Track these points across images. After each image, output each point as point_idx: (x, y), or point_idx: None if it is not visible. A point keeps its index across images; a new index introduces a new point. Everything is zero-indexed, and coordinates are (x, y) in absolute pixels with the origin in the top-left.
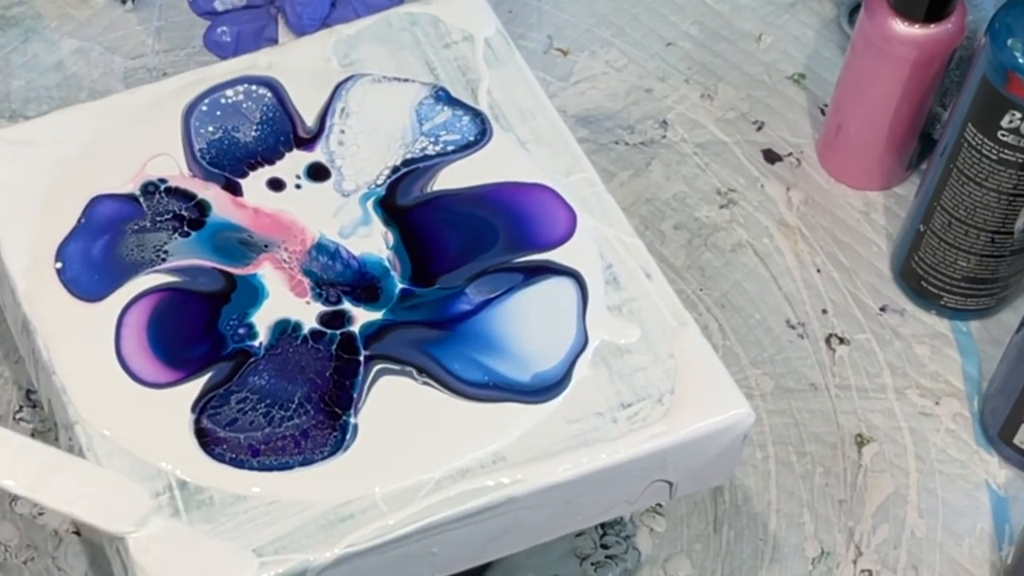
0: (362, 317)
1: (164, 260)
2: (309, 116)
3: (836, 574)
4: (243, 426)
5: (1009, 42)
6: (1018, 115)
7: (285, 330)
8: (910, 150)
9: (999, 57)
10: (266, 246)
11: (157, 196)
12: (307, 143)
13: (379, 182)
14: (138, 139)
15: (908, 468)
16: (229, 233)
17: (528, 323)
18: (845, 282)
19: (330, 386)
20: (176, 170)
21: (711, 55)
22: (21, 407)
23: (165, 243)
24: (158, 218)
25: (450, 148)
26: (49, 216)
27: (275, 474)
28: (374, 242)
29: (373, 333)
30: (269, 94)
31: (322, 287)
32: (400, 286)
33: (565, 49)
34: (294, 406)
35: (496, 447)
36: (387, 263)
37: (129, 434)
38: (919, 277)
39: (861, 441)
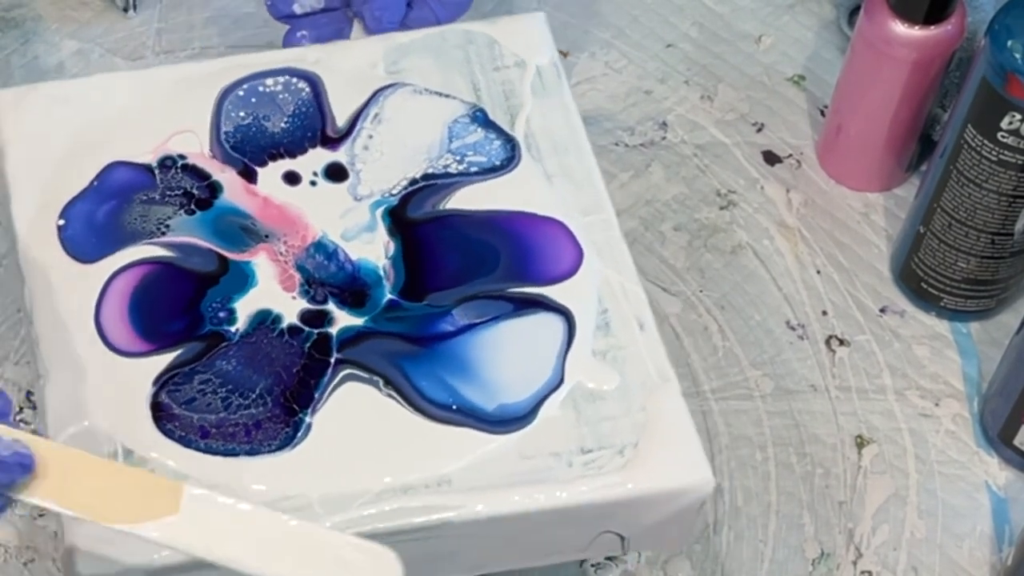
0: (343, 320)
1: (164, 234)
2: (342, 116)
3: (836, 575)
4: (199, 407)
5: (1009, 44)
6: (1018, 116)
7: (264, 320)
8: (910, 152)
9: (999, 58)
10: (266, 236)
11: (173, 171)
12: (333, 142)
13: (394, 191)
14: (169, 113)
15: (908, 469)
16: (233, 218)
17: (506, 354)
18: (845, 283)
19: (294, 382)
20: (198, 148)
21: (711, 57)
22: (21, 408)
23: (169, 217)
24: (168, 192)
25: (473, 169)
26: (65, 173)
27: (219, 459)
28: (374, 249)
29: (350, 338)
30: (307, 89)
31: (311, 285)
32: (388, 296)
33: (565, 50)
34: (254, 396)
35: (444, 470)
36: (382, 272)
37: (89, 396)
38: (919, 278)
39: (861, 442)
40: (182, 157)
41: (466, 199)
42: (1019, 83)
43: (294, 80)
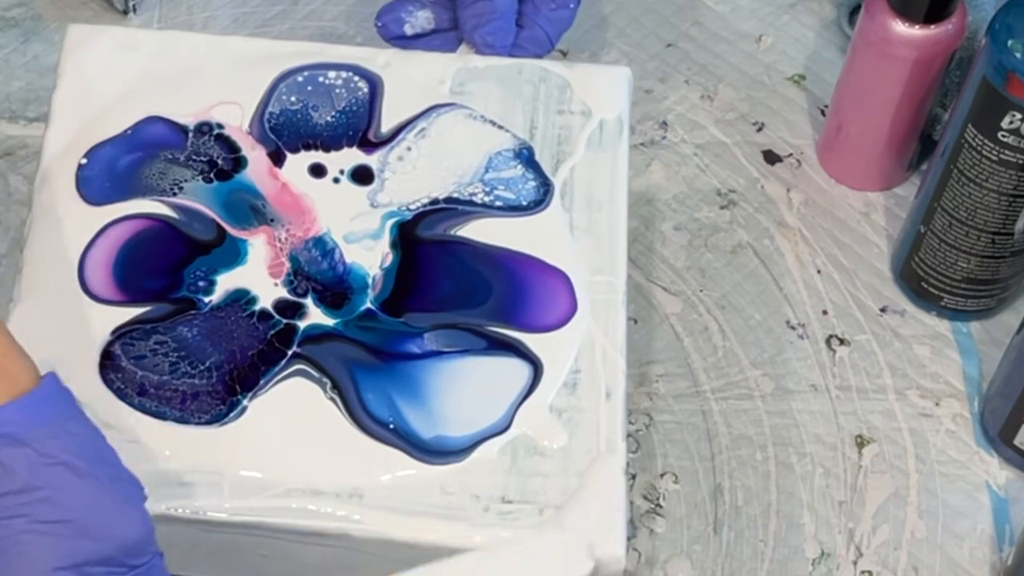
0: (315, 317)
1: (175, 195)
2: (389, 123)
3: (836, 575)
4: (146, 365)
5: (1009, 43)
6: (1018, 116)
7: (239, 299)
8: (910, 151)
9: (999, 58)
10: (272, 220)
11: (206, 138)
12: (371, 146)
13: (412, 207)
14: (224, 82)
15: (908, 469)
16: (246, 195)
17: (462, 388)
18: (845, 283)
19: (245, 364)
20: (238, 122)
21: (711, 56)
22: None
23: (186, 180)
24: (194, 156)
25: (498, 203)
26: (106, 116)
27: (148, 419)
28: (371, 257)
29: (315, 336)
30: (365, 89)
31: (297, 276)
32: (368, 305)
33: (565, 50)
34: (202, 368)
35: (359, 483)
36: (370, 280)
37: (48, 330)
38: (919, 278)
39: (861, 442)
40: (219, 126)
41: (480, 230)
42: (1019, 82)
43: (356, 78)
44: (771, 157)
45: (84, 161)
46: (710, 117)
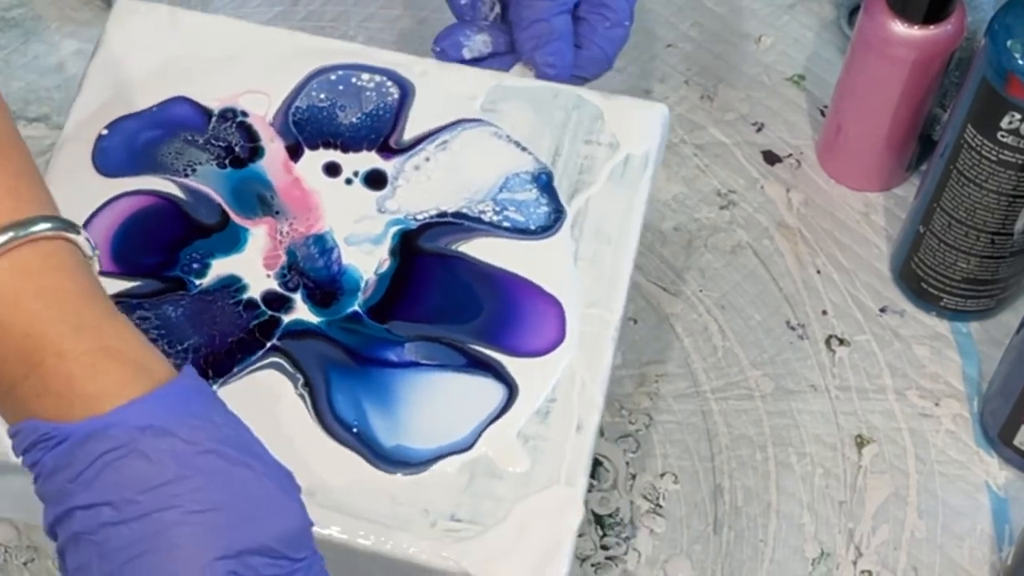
0: (300, 313)
1: (187, 176)
2: (412, 131)
3: (836, 575)
4: None
5: (1008, 43)
6: (1018, 116)
7: (229, 286)
8: (910, 151)
9: (998, 58)
10: (277, 213)
11: (228, 124)
12: (390, 152)
13: (419, 217)
14: (257, 71)
15: (908, 469)
16: (257, 185)
17: (432, 402)
18: (845, 283)
19: (222, 351)
20: (262, 112)
21: (711, 56)
22: None
23: (200, 163)
24: (213, 141)
25: (506, 224)
26: (136, 90)
27: None
28: (368, 261)
29: (296, 331)
30: (396, 95)
31: (291, 271)
32: (355, 308)
33: None
34: (179, 348)
35: (314, 482)
36: (363, 283)
37: None
38: (919, 278)
39: (861, 442)
40: (243, 114)
41: (482, 248)
42: (1019, 83)
43: (389, 83)
44: (771, 157)
45: (105, 132)
46: (710, 118)
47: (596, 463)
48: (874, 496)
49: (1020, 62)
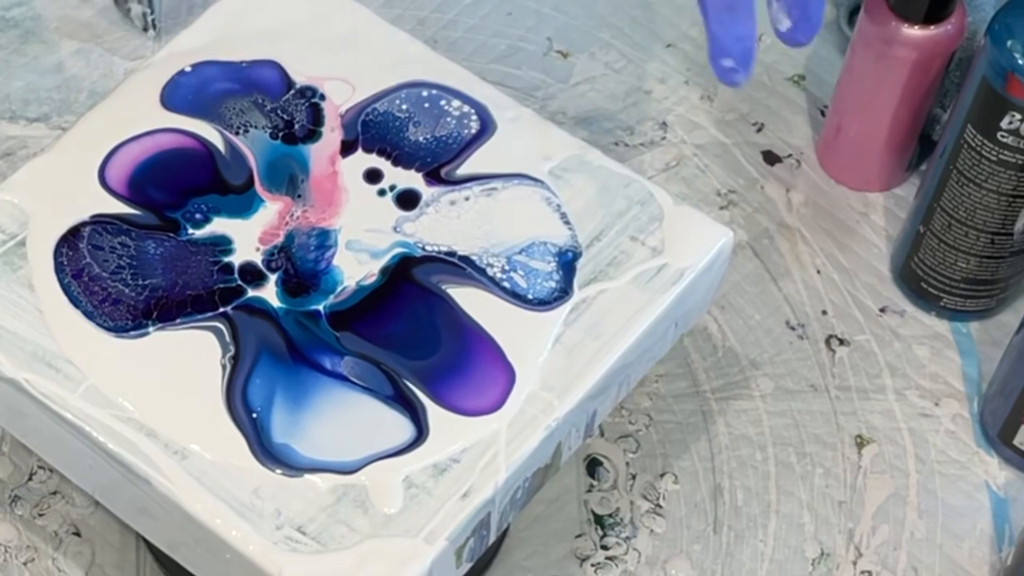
0: (265, 293)
1: (237, 133)
2: (469, 168)
3: (836, 575)
4: (97, 256)
5: (1009, 43)
6: (1018, 116)
7: (216, 244)
8: (910, 151)
9: (999, 58)
10: (299, 196)
11: (301, 101)
12: (436, 180)
13: (426, 248)
14: (357, 63)
15: (908, 469)
16: (295, 164)
17: (338, 419)
18: (845, 283)
19: (176, 300)
20: (340, 101)
21: None
22: None
23: (254, 126)
24: (279, 112)
25: (504, 284)
26: (236, 42)
27: (63, 299)
28: (357, 270)
29: (252, 308)
30: (473, 131)
31: (280, 253)
32: (318, 307)
33: (565, 51)
34: (140, 284)
35: (191, 448)
36: (339, 288)
37: (47, 187)
38: (919, 278)
39: (861, 442)
40: (321, 97)
41: (469, 299)
42: (1019, 83)
43: (473, 116)
44: (771, 157)
45: (188, 69)
46: (710, 118)
47: (596, 463)
48: (874, 496)
49: (1020, 62)
